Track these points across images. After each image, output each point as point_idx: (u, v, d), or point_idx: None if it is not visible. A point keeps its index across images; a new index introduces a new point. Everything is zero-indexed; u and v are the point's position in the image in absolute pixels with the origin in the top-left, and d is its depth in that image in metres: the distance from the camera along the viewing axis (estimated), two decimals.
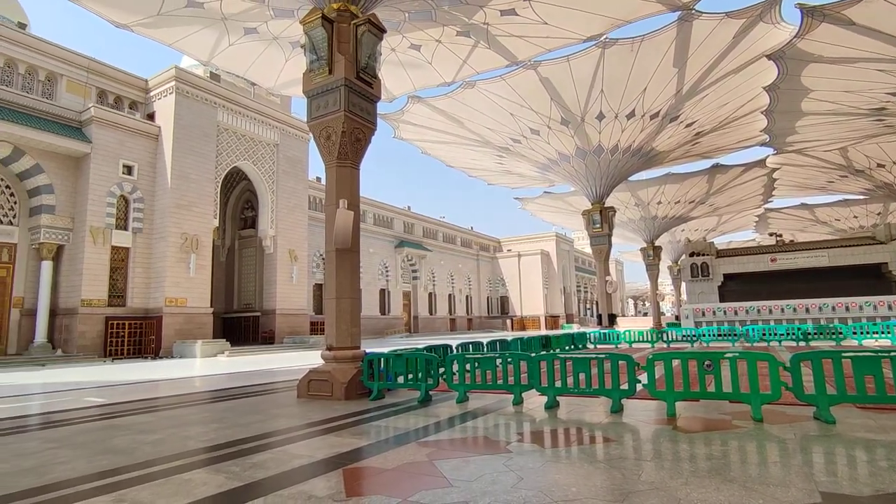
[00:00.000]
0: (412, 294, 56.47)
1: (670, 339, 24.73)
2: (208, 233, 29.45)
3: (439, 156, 31.22)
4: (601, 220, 29.68)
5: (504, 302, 71.91)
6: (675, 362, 7.34)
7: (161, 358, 25.70)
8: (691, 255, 36.83)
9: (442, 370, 9.11)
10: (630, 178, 31.52)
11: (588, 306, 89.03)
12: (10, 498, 4.02)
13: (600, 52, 19.02)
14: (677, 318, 52.39)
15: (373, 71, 10.11)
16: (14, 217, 25.61)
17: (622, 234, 47.77)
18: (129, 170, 27.50)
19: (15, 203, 25.72)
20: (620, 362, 7.31)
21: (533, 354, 8.24)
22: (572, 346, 21.12)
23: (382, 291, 51.58)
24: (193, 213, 28.58)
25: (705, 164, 33.03)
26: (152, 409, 8.98)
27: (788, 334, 23.36)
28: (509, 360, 8.27)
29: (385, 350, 9.82)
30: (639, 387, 7.24)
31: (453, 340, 17.56)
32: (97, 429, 7.15)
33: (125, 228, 27.31)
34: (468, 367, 8.66)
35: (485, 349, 14.08)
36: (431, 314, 59.04)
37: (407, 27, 15.17)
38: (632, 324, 49.86)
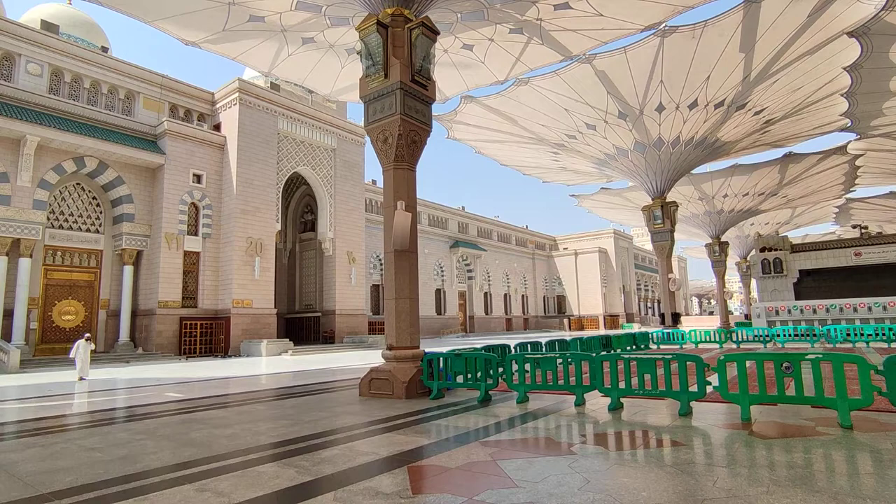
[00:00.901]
0: (467, 294, 56.55)
1: (740, 339, 23.45)
2: (271, 236, 30.75)
3: (493, 155, 31.09)
4: (662, 216, 28.56)
5: (561, 301, 70.64)
6: (749, 364, 6.95)
7: (230, 356, 27.09)
8: (762, 250, 34.77)
9: (500, 370, 9.06)
10: (693, 171, 30.13)
11: (649, 305, 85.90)
12: (109, 483, 4.36)
13: (659, 41, 18.29)
14: (747, 316, 49.62)
15: (427, 73, 10.21)
16: (100, 226, 27.79)
17: (685, 229, 45.75)
18: (198, 178, 29.17)
19: (101, 213, 27.90)
20: (689, 363, 7.00)
21: (594, 354, 8.04)
22: (634, 347, 20.45)
23: (438, 291, 51.97)
24: (257, 218, 29.93)
25: (776, 153, 31.06)
26: (225, 405, 9.47)
27: (878, 335, 21.53)
28: (570, 360, 8.11)
29: (443, 350, 9.88)
30: (709, 389, 6.91)
31: (510, 340, 17.43)
32: (178, 422, 7.62)
33: (196, 234, 28.99)
34: (528, 367, 8.57)
35: (544, 349, 13.88)
36: (487, 314, 58.90)
37: (459, 27, 15.20)
38: (697, 323, 47.70)
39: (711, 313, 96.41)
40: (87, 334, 17.01)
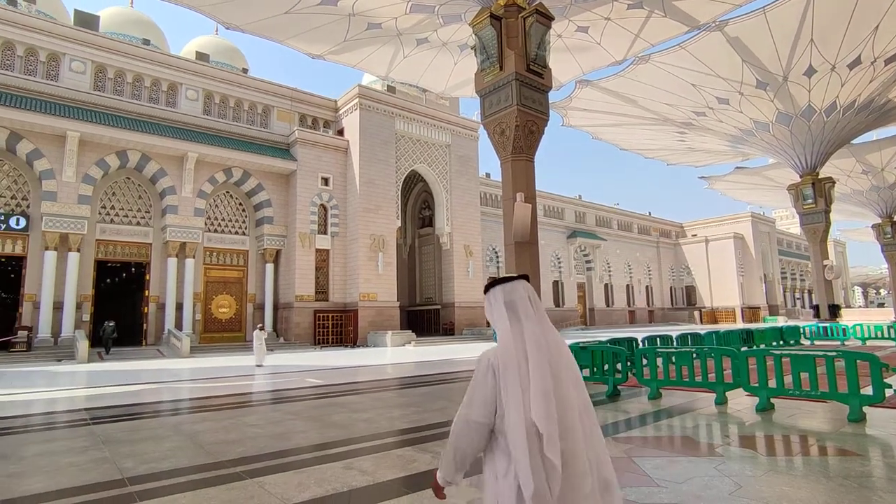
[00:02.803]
0: (586, 285, 54.63)
1: None
2: (392, 233, 32.31)
3: (611, 139, 29.63)
4: (814, 195, 25.11)
5: (690, 292, 65.38)
6: None
7: (358, 346, 29.01)
8: None
9: (629, 364, 8.64)
10: (854, 141, 26.09)
11: (797, 296, 76.19)
12: (270, 456, 4.92)
13: None
14: None
15: (542, 61, 9.98)
16: (246, 228, 31.29)
17: (844, 208, 39.77)
18: (325, 181, 31.55)
19: (245, 217, 31.40)
20: (859, 362, 6.10)
21: (736, 349, 7.33)
22: (781, 342, 18.29)
23: (555, 283, 50.89)
24: (379, 216, 31.63)
25: None
26: (360, 391, 10.17)
27: None
28: (709, 354, 7.48)
29: (566, 342, 9.66)
30: (888, 392, 5.96)
31: (636, 333, 16.53)
32: (320, 405, 8.35)
33: (325, 233, 31.41)
34: (659, 361, 8.08)
35: (675, 343, 12.97)
36: (608, 306, 56.42)
37: (573, 10, 14.65)
38: (862, 317, 41.33)
39: (882, 305, 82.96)
40: (261, 325, 18.92)
